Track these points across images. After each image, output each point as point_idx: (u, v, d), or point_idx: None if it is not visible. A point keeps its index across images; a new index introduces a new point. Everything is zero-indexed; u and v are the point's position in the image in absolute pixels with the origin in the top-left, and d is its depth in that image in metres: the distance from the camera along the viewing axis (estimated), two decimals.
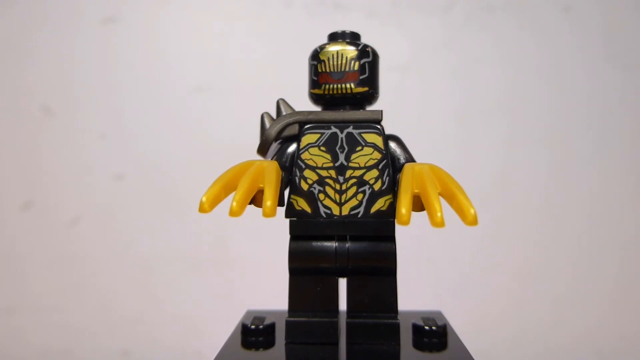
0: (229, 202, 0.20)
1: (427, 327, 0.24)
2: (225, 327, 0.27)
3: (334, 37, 0.26)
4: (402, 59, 0.56)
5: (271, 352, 0.23)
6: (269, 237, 0.40)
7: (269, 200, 0.20)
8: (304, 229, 0.24)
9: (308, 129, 0.25)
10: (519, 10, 0.56)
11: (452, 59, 0.56)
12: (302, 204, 0.24)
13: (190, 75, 0.56)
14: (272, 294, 0.29)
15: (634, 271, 0.55)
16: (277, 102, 0.26)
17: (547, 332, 0.54)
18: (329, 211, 0.24)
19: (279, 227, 0.25)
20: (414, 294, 0.32)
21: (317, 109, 0.26)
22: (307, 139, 0.24)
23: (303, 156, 0.24)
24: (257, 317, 0.26)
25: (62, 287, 0.55)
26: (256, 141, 0.26)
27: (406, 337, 0.25)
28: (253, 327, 0.25)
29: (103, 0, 0.56)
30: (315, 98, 0.26)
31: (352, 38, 0.26)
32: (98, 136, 0.56)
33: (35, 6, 0.56)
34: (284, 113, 0.25)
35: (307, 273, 0.24)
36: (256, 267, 0.53)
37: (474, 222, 0.18)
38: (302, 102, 0.27)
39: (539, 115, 0.56)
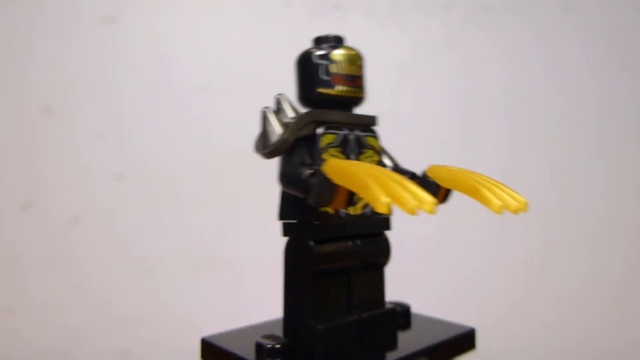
0: (229, 201, 0.20)
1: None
2: (226, 327, 0.28)
3: (338, 40, 0.25)
4: (402, 59, 0.56)
5: None
6: (268, 237, 0.40)
7: (427, 194, 0.17)
8: (326, 231, 0.24)
9: (325, 129, 0.24)
10: (519, 10, 0.56)
11: (452, 59, 0.56)
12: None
13: (190, 75, 0.56)
14: (272, 294, 0.29)
15: (637, 273, 0.55)
16: (277, 98, 0.26)
17: (548, 333, 0.54)
18: (346, 211, 0.24)
19: (278, 227, 0.26)
20: (414, 293, 0.32)
21: (310, 109, 0.25)
22: (326, 139, 0.24)
23: (324, 156, 0.24)
24: (269, 336, 0.24)
25: (62, 287, 0.55)
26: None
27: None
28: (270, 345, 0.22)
29: (103, 0, 0.56)
30: (322, 98, 0.25)
31: (343, 42, 0.26)
32: (98, 136, 0.56)
33: (35, 6, 0.56)
34: (284, 109, 0.25)
35: (329, 275, 0.24)
36: (256, 267, 0.53)
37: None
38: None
39: (540, 115, 0.56)
